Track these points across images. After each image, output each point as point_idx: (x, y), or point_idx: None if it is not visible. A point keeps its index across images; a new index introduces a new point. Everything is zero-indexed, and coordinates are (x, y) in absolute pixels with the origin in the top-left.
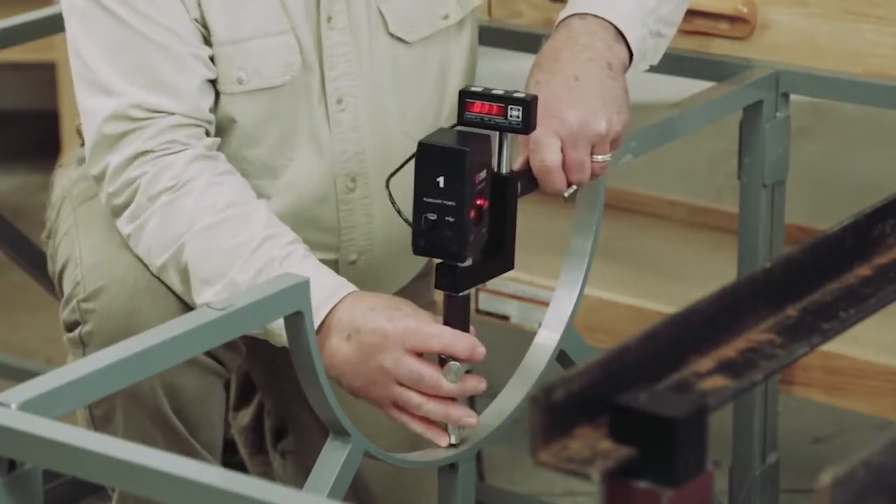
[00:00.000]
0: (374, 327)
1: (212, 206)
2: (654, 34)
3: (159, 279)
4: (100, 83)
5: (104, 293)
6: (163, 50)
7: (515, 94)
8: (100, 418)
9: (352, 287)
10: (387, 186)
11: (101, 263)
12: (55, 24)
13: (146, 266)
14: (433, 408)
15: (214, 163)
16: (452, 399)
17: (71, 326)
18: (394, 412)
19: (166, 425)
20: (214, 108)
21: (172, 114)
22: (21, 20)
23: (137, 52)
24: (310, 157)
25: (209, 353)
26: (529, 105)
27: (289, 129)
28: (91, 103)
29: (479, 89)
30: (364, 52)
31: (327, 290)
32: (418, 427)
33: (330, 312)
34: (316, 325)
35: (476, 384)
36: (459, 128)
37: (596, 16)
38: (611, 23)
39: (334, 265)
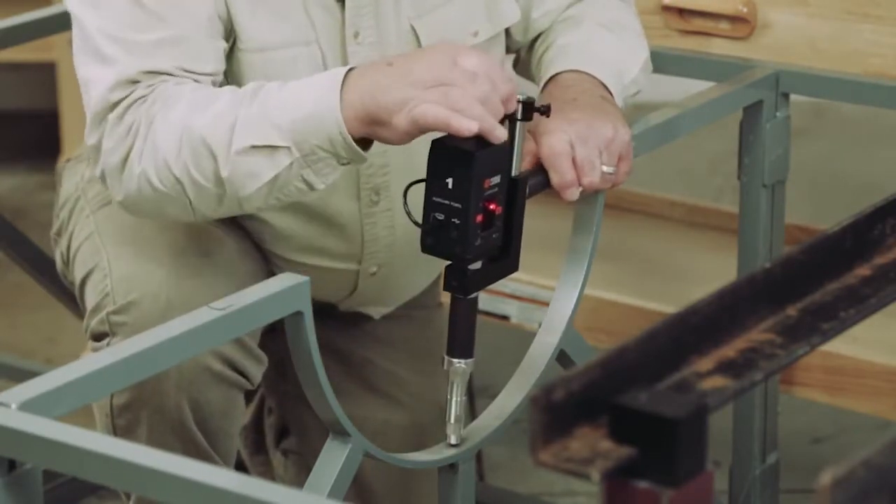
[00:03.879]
0: (427, 52)
1: (208, 94)
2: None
3: (192, 293)
4: (104, 55)
5: (136, 307)
6: (175, 35)
7: (531, 99)
8: (122, 429)
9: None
10: (404, 195)
11: (133, 276)
12: (55, 24)
13: (179, 280)
14: (479, 108)
15: (207, 86)
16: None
17: (98, 337)
18: (439, 110)
19: (188, 439)
20: None
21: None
22: (21, 20)
23: (149, 31)
24: None
25: (235, 368)
26: (547, 109)
27: None
28: (94, 73)
29: None
30: None
31: (333, 72)
32: (473, 125)
33: (346, 80)
34: (338, 86)
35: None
36: None
37: (580, 71)
38: (594, 76)
39: (355, 276)
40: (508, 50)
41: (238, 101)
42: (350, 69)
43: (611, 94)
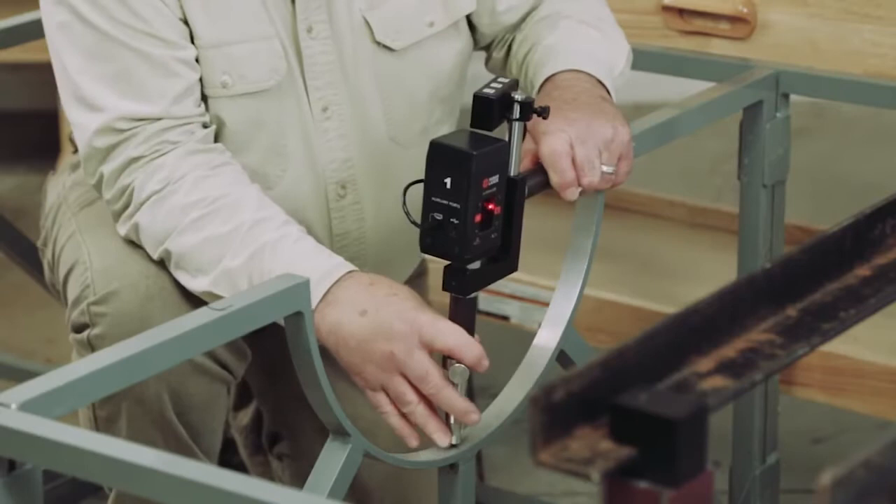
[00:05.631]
0: (398, 313)
1: (203, 199)
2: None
3: (171, 284)
4: (84, 98)
5: (116, 297)
6: (144, 57)
7: (529, 99)
8: (103, 420)
9: (353, 266)
10: (403, 195)
11: (113, 267)
12: None
13: (158, 271)
14: (420, 411)
15: (209, 155)
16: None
17: (79, 328)
18: (378, 397)
19: (169, 430)
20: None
21: (159, 118)
22: (21, 20)
23: (118, 61)
24: (302, 166)
25: (216, 360)
26: (545, 110)
27: (279, 137)
28: (78, 118)
29: (491, 91)
30: (347, 61)
31: (331, 266)
32: (395, 421)
33: (336, 285)
34: (318, 297)
35: (474, 416)
36: (475, 130)
37: (577, 70)
38: (591, 74)
39: None
40: (477, 45)
41: (229, 240)
42: (336, 281)
43: (608, 91)
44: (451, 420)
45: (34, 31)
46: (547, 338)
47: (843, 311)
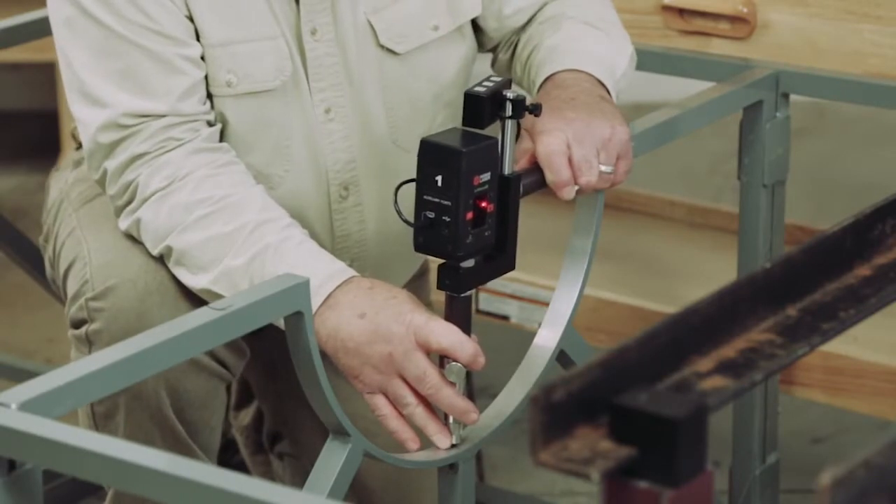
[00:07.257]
0: (396, 315)
1: (208, 197)
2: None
3: (169, 280)
4: (89, 94)
5: (114, 293)
6: (150, 54)
7: (521, 97)
8: (101, 415)
9: (354, 272)
10: (395, 194)
11: (111, 263)
12: None
13: (157, 267)
14: (420, 412)
15: (214, 154)
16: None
17: (78, 324)
18: (377, 400)
19: (167, 426)
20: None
21: (164, 115)
22: (21, 20)
23: (124, 57)
24: (306, 167)
25: (214, 357)
26: (537, 108)
27: (283, 137)
28: (83, 114)
29: (482, 90)
30: (351, 64)
31: (333, 271)
32: (394, 424)
33: (338, 289)
34: (320, 300)
35: (473, 415)
36: (466, 128)
37: (577, 70)
38: (591, 74)
39: None
40: (483, 47)
41: (232, 239)
42: (338, 286)
43: (608, 91)
44: (451, 420)
45: (34, 30)
46: (547, 338)
47: (843, 311)
